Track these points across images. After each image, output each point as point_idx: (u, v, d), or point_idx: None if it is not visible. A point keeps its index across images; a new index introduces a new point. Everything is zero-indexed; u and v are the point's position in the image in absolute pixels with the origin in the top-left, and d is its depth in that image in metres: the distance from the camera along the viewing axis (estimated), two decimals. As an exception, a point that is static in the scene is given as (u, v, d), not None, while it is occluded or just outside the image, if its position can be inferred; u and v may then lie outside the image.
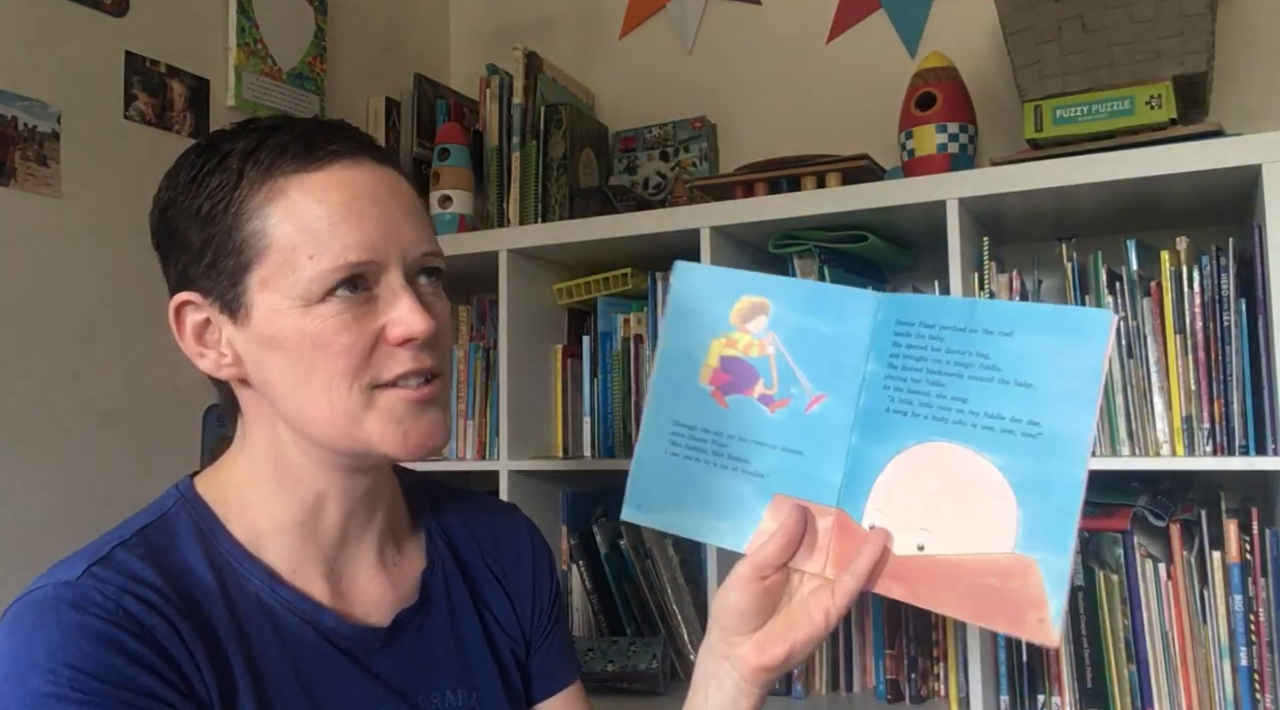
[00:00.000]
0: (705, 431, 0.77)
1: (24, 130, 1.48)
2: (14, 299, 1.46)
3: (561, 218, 1.90)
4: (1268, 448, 1.29)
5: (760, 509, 0.75)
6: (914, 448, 0.70)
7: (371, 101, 2.09)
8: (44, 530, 1.47)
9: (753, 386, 0.76)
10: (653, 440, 0.79)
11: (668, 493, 0.78)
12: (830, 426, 0.73)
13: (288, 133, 0.74)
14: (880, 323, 0.72)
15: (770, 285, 0.77)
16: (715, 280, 0.79)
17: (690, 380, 0.78)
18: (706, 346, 0.78)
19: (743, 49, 2.06)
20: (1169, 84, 1.39)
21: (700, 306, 0.79)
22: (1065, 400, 0.65)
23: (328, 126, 0.76)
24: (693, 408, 0.78)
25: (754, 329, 0.77)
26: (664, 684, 1.66)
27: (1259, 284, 1.30)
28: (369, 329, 0.72)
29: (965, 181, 1.46)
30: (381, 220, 0.73)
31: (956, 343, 0.69)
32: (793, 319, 0.75)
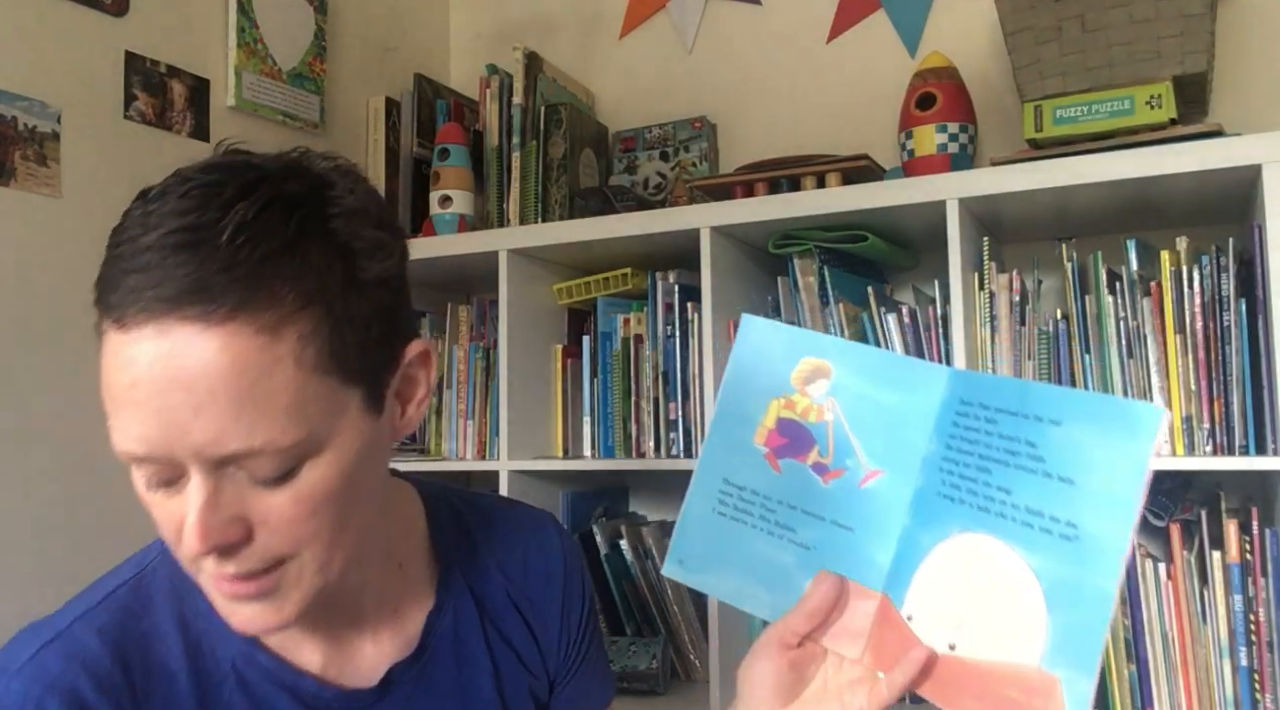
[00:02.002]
0: (755, 494, 0.74)
1: (24, 130, 1.48)
2: (14, 299, 1.46)
3: (561, 218, 1.90)
4: (1268, 448, 1.29)
5: (803, 582, 0.72)
6: (957, 537, 0.66)
7: (371, 101, 2.09)
8: (44, 530, 1.47)
9: (808, 453, 0.73)
10: (701, 496, 0.76)
11: (711, 553, 0.75)
12: (884, 505, 0.69)
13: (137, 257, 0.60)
14: (946, 400, 0.68)
15: (835, 348, 0.73)
16: (780, 337, 0.75)
17: (745, 439, 0.75)
18: (764, 406, 0.74)
19: (743, 49, 2.06)
20: (1169, 84, 1.39)
21: (762, 364, 0.75)
22: (1105, 502, 0.60)
23: (177, 253, 0.59)
24: (745, 468, 0.75)
25: (814, 393, 0.73)
26: (664, 684, 1.66)
27: (1259, 284, 1.30)
28: (177, 512, 0.62)
29: (965, 181, 1.46)
30: (162, 417, 0.59)
31: (1009, 428, 0.65)
32: (855, 386, 0.71)
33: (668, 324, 1.73)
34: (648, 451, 1.73)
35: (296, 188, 0.63)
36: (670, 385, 1.71)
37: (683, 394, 1.69)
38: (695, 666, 1.73)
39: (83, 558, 1.51)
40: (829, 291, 1.58)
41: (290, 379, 0.60)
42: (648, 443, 1.73)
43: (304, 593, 0.65)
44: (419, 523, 0.82)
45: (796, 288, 1.62)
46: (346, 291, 0.62)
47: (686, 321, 1.70)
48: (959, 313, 1.45)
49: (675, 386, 1.70)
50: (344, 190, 0.66)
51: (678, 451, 1.69)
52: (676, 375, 1.70)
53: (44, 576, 1.46)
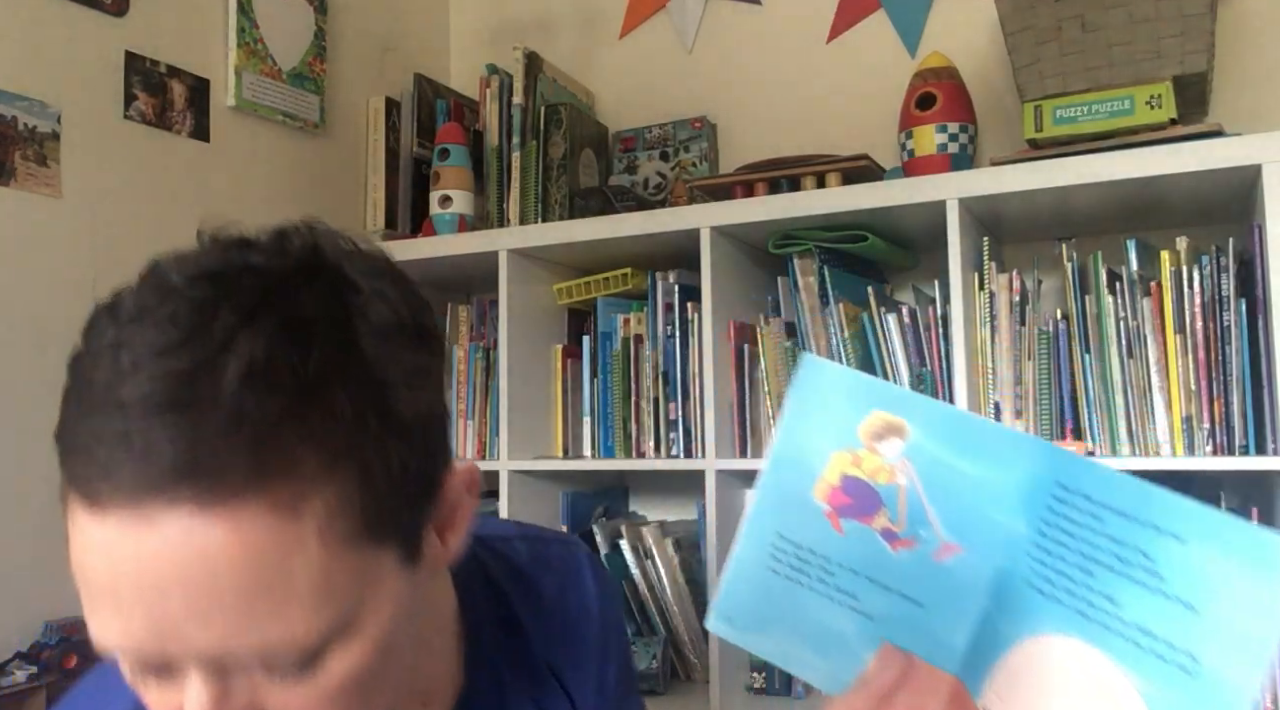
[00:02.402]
0: (813, 553, 0.68)
1: (24, 130, 1.48)
2: (14, 299, 1.46)
3: (561, 218, 1.90)
4: (1268, 448, 1.29)
5: (864, 654, 0.65)
6: (1050, 637, 0.60)
7: (371, 101, 2.09)
8: (43, 530, 1.47)
9: (875, 516, 0.66)
10: (752, 549, 0.70)
11: (762, 612, 0.69)
12: (961, 583, 0.63)
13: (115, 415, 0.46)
14: (1037, 478, 0.61)
15: (911, 404, 0.66)
16: (847, 384, 0.69)
17: (803, 492, 0.68)
18: (827, 459, 0.68)
19: (743, 49, 2.06)
20: (1169, 84, 1.39)
21: (826, 411, 0.68)
22: (1233, 639, 0.54)
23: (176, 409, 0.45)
24: (802, 524, 0.68)
25: (885, 451, 0.66)
26: (664, 684, 1.66)
27: (1259, 284, 1.30)
28: (175, 702, 0.51)
29: (965, 181, 1.46)
30: (154, 618, 0.47)
31: (1119, 530, 0.58)
32: (933, 450, 0.65)
33: (668, 324, 1.73)
34: (648, 451, 1.73)
35: (314, 301, 0.50)
36: (670, 385, 1.71)
37: (683, 394, 1.69)
38: (695, 666, 1.73)
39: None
40: (829, 291, 1.58)
41: (313, 560, 0.48)
42: (648, 443, 1.73)
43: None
44: (448, 611, 0.70)
45: (796, 288, 1.62)
46: (382, 438, 0.50)
47: (686, 321, 1.70)
48: (959, 313, 1.45)
49: (675, 386, 1.70)
50: (373, 293, 0.52)
51: (678, 451, 1.69)
52: (676, 375, 1.70)
53: (44, 577, 1.46)
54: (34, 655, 1.36)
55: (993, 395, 1.47)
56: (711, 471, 1.60)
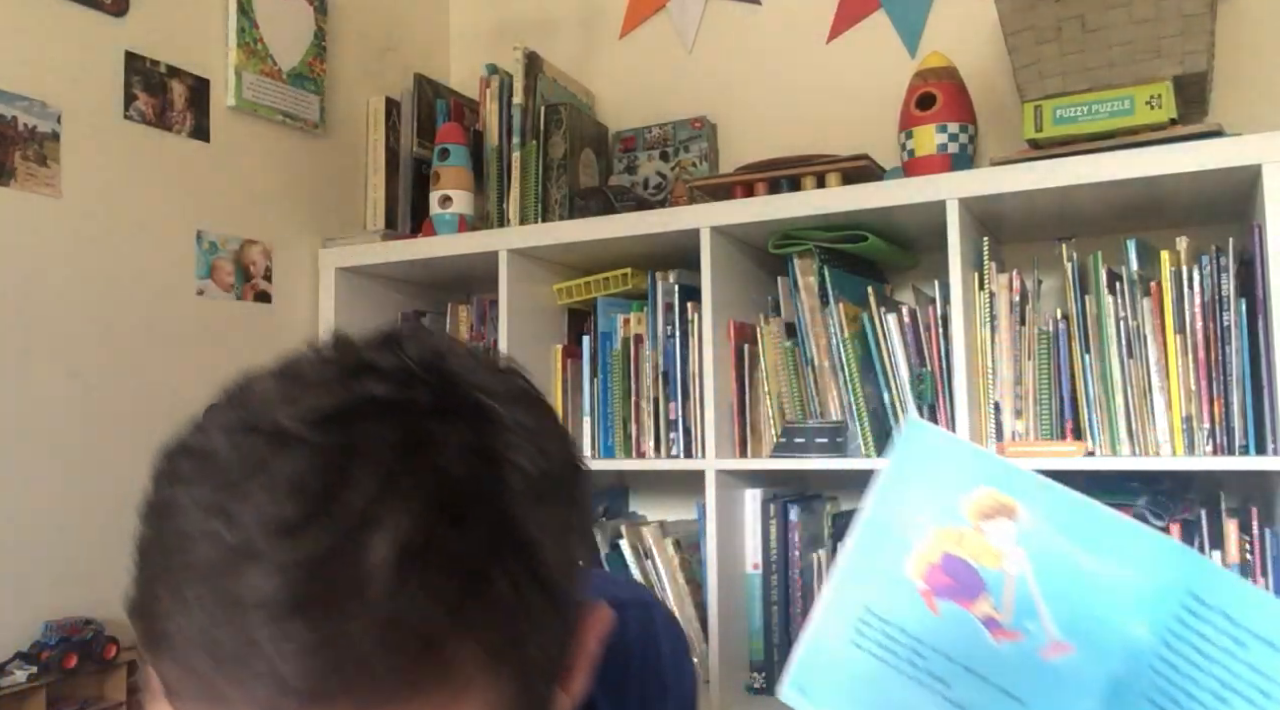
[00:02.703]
0: (903, 632, 0.63)
1: (24, 130, 1.48)
2: (14, 299, 1.46)
3: (561, 218, 1.90)
4: (1268, 448, 1.29)
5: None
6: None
7: (371, 101, 2.09)
8: (43, 530, 1.47)
9: (976, 601, 0.62)
10: (835, 620, 0.65)
11: (842, 688, 0.65)
12: (1071, 686, 0.58)
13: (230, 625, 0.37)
14: (1168, 583, 0.57)
15: (1027, 485, 0.62)
16: (955, 454, 0.65)
17: (896, 566, 0.64)
18: (926, 533, 0.63)
19: (743, 49, 2.06)
20: (1169, 84, 1.39)
21: (928, 481, 0.64)
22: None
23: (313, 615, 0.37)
24: (893, 600, 0.64)
25: (994, 533, 0.62)
26: (664, 684, 1.65)
27: (1259, 284, 1.30)
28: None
29: (965, 181, 1.46)
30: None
31: (1264, 661, 0.53)
32: (1050, 538, 0.60)
33: (668, 324, 1.73)
34: (648, 451, 1.73)
35: (459, 453, 0.41)
36: (670, 385, 1.71)
37: (683, 394, 1.69)
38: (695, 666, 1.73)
39: (82, 558, 1.51)
40: (829, 291, 1.58)
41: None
42: (648, 443, 1.73)
43: None
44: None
45: (796, 288, 1.62)
46: (541, 618, 0.43)
47: (686, 321, 1.70)
48: (959, 313, 1.45)
49: (675, 386, 1.70)
50: (515, 427, 0.44)
51: (678, 451, 1.69)
52: (676, 375, 1.70)
53: (44, 577, 1.46)
54: (34, 655, 1.36)
55: (993, 395, 1.47)
56: (711, 471, 1.60)
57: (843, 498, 1.80)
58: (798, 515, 1.65)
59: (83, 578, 1.50)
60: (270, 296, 1.85)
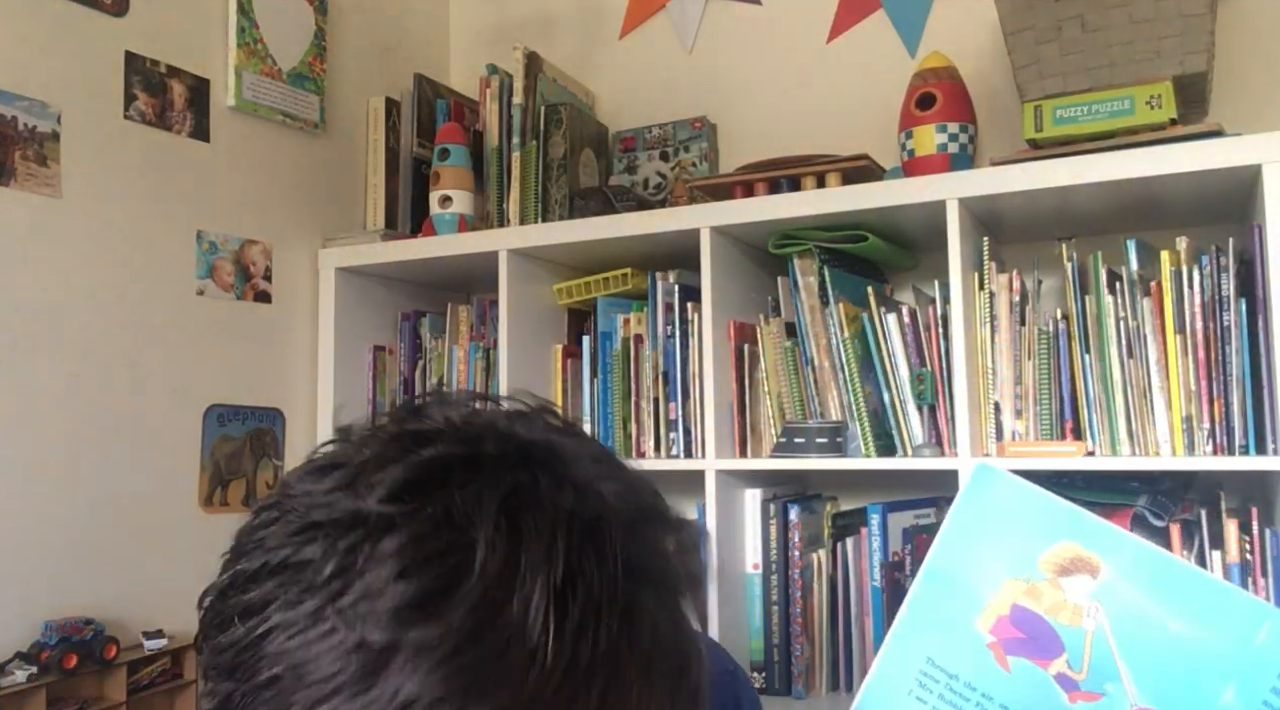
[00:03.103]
0: (970, 689, 0.60)
1: (24, 130, 1.48)
2: (14, 299, 1.46)
3: (561, 218, 1.90)
4: (1268, 448, 1.29)
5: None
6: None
7: (371, 101, 2.09)
8: (43, 530, 1.47)
9: (1051, 659, 0.59)
10: (896, 672, 0.63)
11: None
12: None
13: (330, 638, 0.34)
14: (1264, 646, 0.54)
15: (1109, 539, 0.59)
16: (1032, 504, 0.62)
17: (964, 618, 0.61)
18: (998, 586, 0.60)
19: (743, 49, 2.05)
20: (1169, 84, 1.39)
21: (1002, 531, 0.61)
22: None
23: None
24: (959, 653, 0.61)
25: (1072, 588, 0.59)
26: (664, 684, 1.65)
27: (1259, 284, 1.30)
28: None
29: (965, 181, 1.46)
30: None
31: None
32: (1132, 595, 0.58)
33: (668, 324, 1.73)
34: (648, 451, 1.73)
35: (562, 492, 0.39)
36: (670, 385, 1.71)
37: (683, 394, 1.69)
38: (695, 666, 1.72)
39: (82, 558, 1.51)
40: (829, 291, 1.58)
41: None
42: (648, 443, 1.73)
43: None
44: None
45: (796, 288, 1.62)
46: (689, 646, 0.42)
47: (686, 321, 1.70)
48: (959, 313, 1.45)
49: (675, 386, 1.70)
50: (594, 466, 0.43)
51: (678, 451, 1.69)
52: (676, 375, 1.70)
53: (44, 577, 1.46)
54: (34, 655, 1.36)
55: (993, 395, 1.47)
56: (711, 471, 1.60)
57: (843, 498, 1.80)
58: (798, 515, 1.65)
59: (83, 578, 1.50)
60: (270, 296, 1.85)
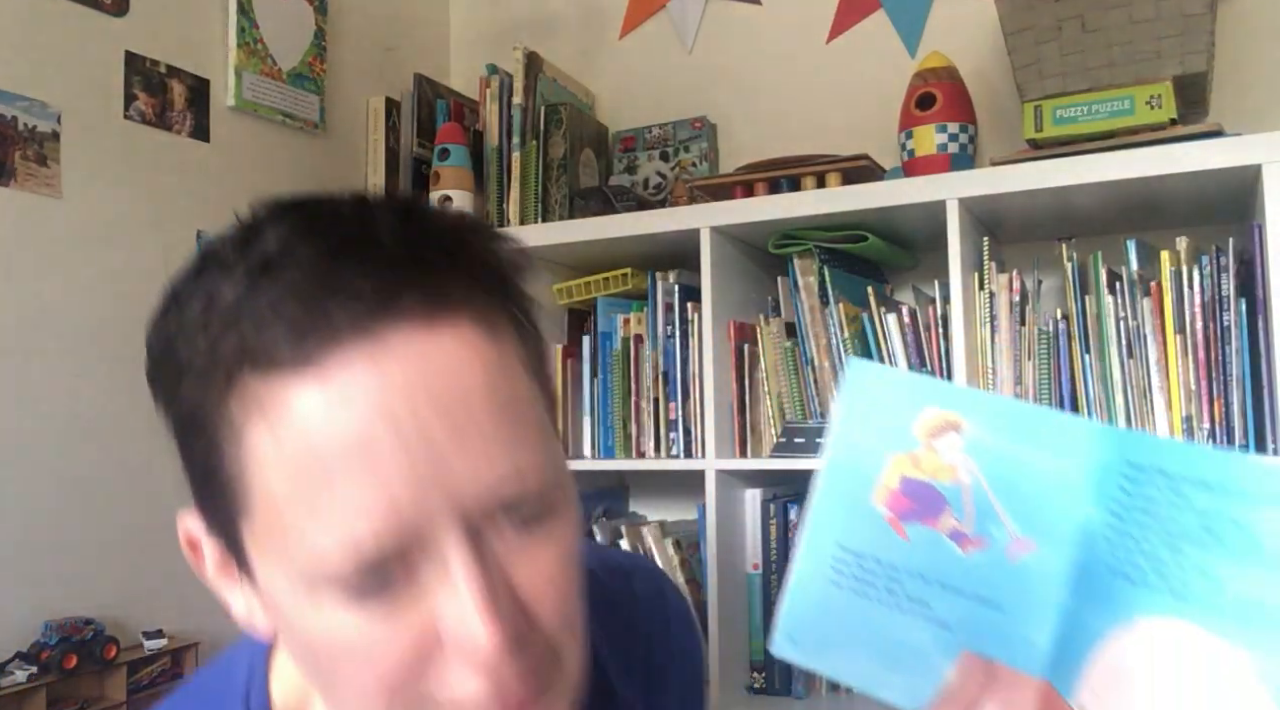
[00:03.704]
0: (877, 562, 0.65)
1: (24, 130, 1.48)
2: (14, 299, 1.46)
3: (561, 218, 1.90)
4: (1268, 448, 1.29)
5: (943, 665, 0.63)
6: (1143, 622, 0.58)
7: (371, 101, 2.09)
8: (43, 530, 1.47)
9: (940, 518, 0.64)
10: (812, 563, 0.66)
11: (829, 630, 0.66)
12: (1038, 580, 0.61)
13: (281, 276, 0.44)
14: (1105, 461, 0.60)
15: (965, 399, 0.65)
16: (899, 385, 0.67)
17: (861, 500, 0.65)
18: (883, 462, 0.65)
19: (743, 49, 2.06)
20: (1169, 84, 1.39)
21: (878, 413, 0.66)
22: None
23: (345, 258, 0.45)
24: (863, 533, 0.65)
25: (945, 449, 0.64)
26: (664, 684, 1.65)
27: (1259, 284, 1.30)
28: (412, 631, 0.45)
29: (965, 181, 1.46)
30: (414, 458, 0.44)
31: (1205, 503, 0.56)
32: (995, 444, 0.63)
33: (668, 324, 1.73)
34: (648, 451, 1.73)
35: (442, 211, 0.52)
36: (670, 385, 1.71)
37: (683, 394, 1.69)
38: (695, 666, 1.72)
39: (82, 558, 1.51)
40: (829, 291, 1.58)
41: (527, 389, 0.49)
42: (648, 443, 1.73)
43: (566, 702, 0.51)
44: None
45: (796, 288, 1.62)
46: (523, 301, 0.52)
47: (686, 321, 1.70)
48: (959, 313, 1.45)
49: (675, 386, 1.70)
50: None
51: (678, 451, 1.69)
52: (676, 375, 1.70)
53: (44, 577, 1.46)
54: (34, 655, 1.36)
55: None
56: (711, 471, 1.60)
57: (843, 498, 1.80)
58: (798, 515, 1.65)
59: (83, 578, 1.50)
60: (270, 296, 1.85)
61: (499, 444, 0.46)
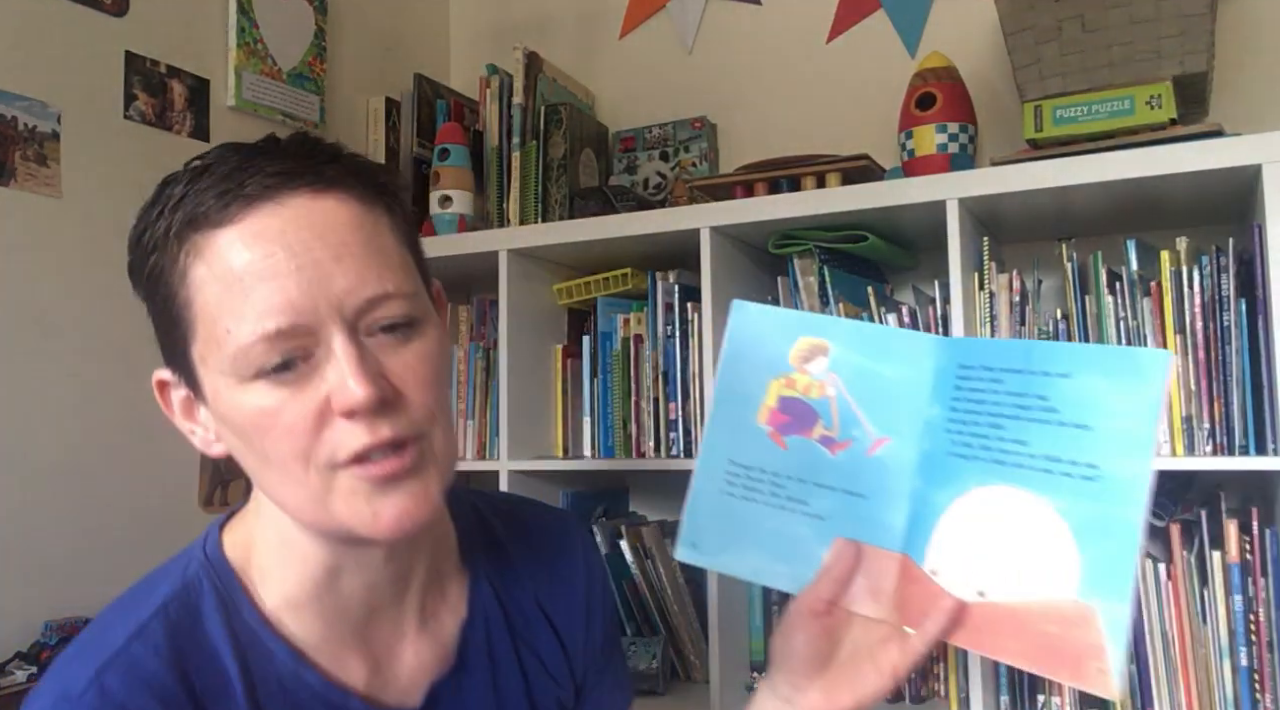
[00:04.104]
0: (763, 472, 0.77)
1: (24, 130, 1.48)
2: (14, 299, 1.46)
3: (561, 218, 1.90)
4: (1268, 448, 1.29)
5: (820, 552, 0.74)
6: (975, 491, 0.69)
7: (371, 101, 2.09)
8: (43, 530, 1.47)
9: (812, 428, 0.75)
10: (708, 479, 0.78)
11: (724, 534, 0.77)
12: (893, 470, 0.73)
13: (213, 173, 0.65)
14: (942, 366, 0.71)
15: (829, 326, 0.76)
16: (773, 320, 0.78)
17: (747, 420, 0.77)
18: (764, 387, 0.77)
19: (743, 49, 2.06)
20: (1169, 84, 1.39)
21: (758, 346, 0.78)
22: (1122, 442, 0.64)
23: (256, 157, 0.65)
24: (750, 448, 0.77)
25: (814, 370, 0.76)
26: (664, 684, 1.66)
27: (1259, 284, 1.30)
28: (313, 401, 0.63)
29: (965, 181, 1.46)
30: (304, 271, 0.62)
31: (1016, 385, 0.68)
32: (854, 361, 0.75)
33: (668, 324, 1.73)
34: (648, 451, 1.73)
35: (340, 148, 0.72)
36: (670, 385, 1.71)
37: (683, 394, 1.69)
38: (695, 666, 1.73)
39: (82, 558, 1.51)
40: (829, 291, 1.58)
41: (393, 242, 0.69)
42: (648, 443, 1.73)
43: (441, 473, 0.68)
44: (448, 527, 0.82)
45: (797, 288, 1.62)
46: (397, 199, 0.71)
47: (686, 321, 1.70)
48: (959, 313, 1.44)
49: (675, 386, 1.70)
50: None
51: (678, 451, 1.69)
52: (676, 375, 1.70)
53: (44, 577, 1.46)
54: (34, 655, 1.36)
55: (993, 395, 1.46)
56: (711, 471, 1.60)
57: (843, 498, 1.80)
58: (798, 515, 1.65)
59: (83, 578, 1.50)
60: (270, 296, 1.85)
61: (370, 268, 0.65)
